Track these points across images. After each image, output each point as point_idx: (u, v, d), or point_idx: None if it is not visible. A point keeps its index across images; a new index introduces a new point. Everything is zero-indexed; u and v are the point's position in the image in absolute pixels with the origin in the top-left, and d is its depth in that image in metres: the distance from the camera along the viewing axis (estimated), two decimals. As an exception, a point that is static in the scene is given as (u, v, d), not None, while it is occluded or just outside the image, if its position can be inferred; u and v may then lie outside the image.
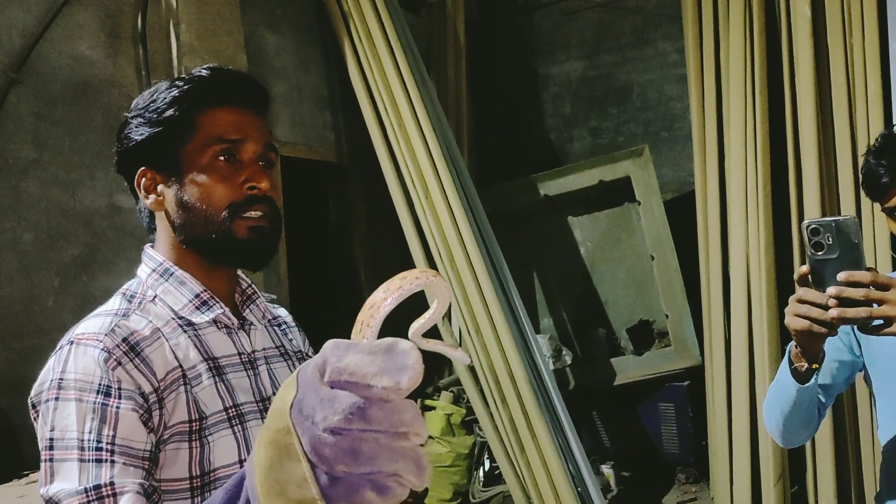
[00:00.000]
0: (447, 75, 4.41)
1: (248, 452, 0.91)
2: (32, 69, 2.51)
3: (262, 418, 0.95)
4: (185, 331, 0.93)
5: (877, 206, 1.32)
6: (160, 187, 0.96)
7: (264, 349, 1.02)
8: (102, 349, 0.83)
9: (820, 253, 1.01)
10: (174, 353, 0.89)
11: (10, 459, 2.22)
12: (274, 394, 0.99)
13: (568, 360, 4.04)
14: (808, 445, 3.05)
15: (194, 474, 0.86)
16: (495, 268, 3.49)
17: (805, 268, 1.03)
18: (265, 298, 1.09)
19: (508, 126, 5.22)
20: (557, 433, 3.28)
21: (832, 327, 1.02)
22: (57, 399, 0.82)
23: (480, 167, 4.93)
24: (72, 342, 0.85)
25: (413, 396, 0.45)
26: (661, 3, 4.62)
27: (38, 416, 0.85)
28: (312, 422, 0.43)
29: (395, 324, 0.54)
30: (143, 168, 0.96)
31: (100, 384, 0.81)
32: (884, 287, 0.98)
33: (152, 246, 1.00)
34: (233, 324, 0.98)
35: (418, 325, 0.58)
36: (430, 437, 3.55)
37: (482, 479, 3.72)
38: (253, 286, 1.06)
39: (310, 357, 1.10)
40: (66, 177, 2.59)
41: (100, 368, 0.82)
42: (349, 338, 0.49)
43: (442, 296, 0.57)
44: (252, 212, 0.93)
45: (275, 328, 1.08)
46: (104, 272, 2.66)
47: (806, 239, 1.02)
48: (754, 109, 3.23)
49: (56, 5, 2.58)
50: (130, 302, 0.93)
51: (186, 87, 0.94)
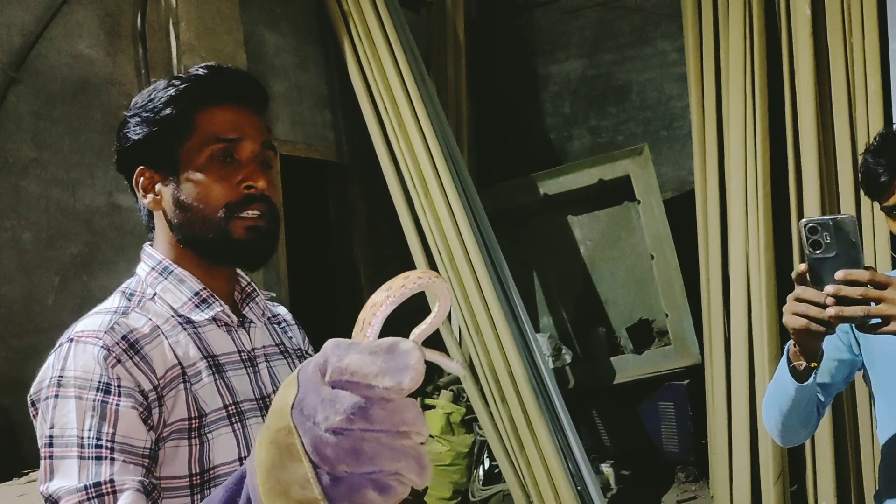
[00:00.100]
0: (447, 74, 4.40)
1: (248, 450, 0.91)
2: (32, 68, 2.51)
3: (262, 416, 0.95)
4: (185, 328, 0.93)
5: (876, 206, 1.32)
6: (158, 186, 0.96)
7: (264, 347, 1.02)
8: (102, 347, 0.83)
9: (818, 251, 1.01)
10: (174, 351, 0.89)
11: (10, 458, 2.21)
12: (274, 392, 0.99)
13: (568, 359, 4.04)
14: (808, 444, 3.05)
15: (194, 472, 0.86)
16: (495, 267, 3.49)
17: (803, 266, 1.03)
18: (264, 296, 1.09)
19: (508, 125, 5.21)
20: (557, 432, 3.28)
21: (830, 326, 1.02)
22: (56, 396, 0.82)
23: (480, 166, 4.92)
24: (71, 340, 0.85)
25: (413, 395, 0.45)
26: (661, 2, 4.61)
27: (38, 414, 0.85)
28: (314, 422, 0.43)
29: (395, 325, 0.54)
30: (142, 167, 0.96)
31: (99, 382, 0.82)
32: (882, 285, 0.98)
33: (151, 244, 1.00)
34: (232, 321, 0.98)
35: (419, 331, 0.58)
36: (430, 436, 3.54)
37: (482, 478, 3.72)
38: (252, 284, 1.06)
39: (310, 355, 1.10)
40: (66, 176, 2.59)
41: (99, 366, 0.82)
42: (350, 337, 0.48)
43: (443, 297, 0.56)
44: (249, 211, 0.93)
45: (274, 326, 1.08)
46: (104, 271, 2.66)
47: (804, 237, 1.02)
48: (754, 108, 3.23)
49: (55, 4, 2.57)
50: (130, 300, 0.93)
51: (184, 87, 0.94)
